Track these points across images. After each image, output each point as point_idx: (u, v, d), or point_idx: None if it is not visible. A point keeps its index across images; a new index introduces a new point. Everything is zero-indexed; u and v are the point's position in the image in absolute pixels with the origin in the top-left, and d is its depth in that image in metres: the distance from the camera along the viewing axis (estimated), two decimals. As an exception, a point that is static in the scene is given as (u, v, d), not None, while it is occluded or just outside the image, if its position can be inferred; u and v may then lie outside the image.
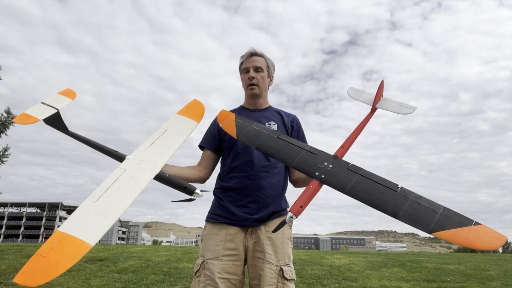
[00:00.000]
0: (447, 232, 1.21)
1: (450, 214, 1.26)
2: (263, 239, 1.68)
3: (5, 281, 5.31)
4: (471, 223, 1.22)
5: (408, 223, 1.26)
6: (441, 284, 5.89)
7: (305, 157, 1.56)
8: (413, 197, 1.33)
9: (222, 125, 1.80)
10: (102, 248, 10.59)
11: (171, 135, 1.71)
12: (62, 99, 1.92)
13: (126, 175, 1.41)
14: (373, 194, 1.35)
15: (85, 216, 1.21)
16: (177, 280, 5.71)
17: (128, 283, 5.43)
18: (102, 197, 1.29)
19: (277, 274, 1.61)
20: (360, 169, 1.47)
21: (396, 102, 2.05)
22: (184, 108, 1.92)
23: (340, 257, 9.63)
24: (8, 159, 10.73)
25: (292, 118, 1.95)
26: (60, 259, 1.05)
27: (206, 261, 1.64)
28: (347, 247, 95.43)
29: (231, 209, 1.72)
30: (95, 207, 1.24)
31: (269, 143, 1.64)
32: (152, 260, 7.83)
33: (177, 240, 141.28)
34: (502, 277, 6.68)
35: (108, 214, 1.21)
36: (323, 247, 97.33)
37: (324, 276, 6.40)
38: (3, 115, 10.40)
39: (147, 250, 10.07)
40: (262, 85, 1.90)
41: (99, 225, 1.18)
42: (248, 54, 1.89)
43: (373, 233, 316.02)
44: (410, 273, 7.04)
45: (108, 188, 1.33)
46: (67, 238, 1.11)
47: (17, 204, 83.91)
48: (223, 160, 1.91)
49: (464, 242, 1.18)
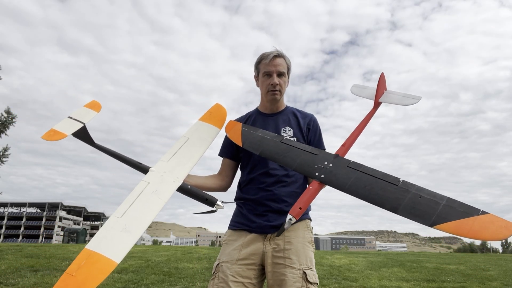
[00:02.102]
0: (449, 224, 1.13)
1: (454, 205, 1.18)
2: (283, 244, 1.68)
3: (5, 281, 5.31)
4: (477, 213, 1.13)
5: (408, 217, 1.19)
6: (441, 284, 5.88)
7: (305, 158, 1.54)
8: (415, 190, 1.27)
9: (229, 135, 1.81)
10: (102, 248, 10.59)
11: (193, 144, 1.74)
12: (88, 112, 1.99)
13: (150, 189, 1.44)
14: (372, 190, 1.31)
15: (111, 233, 1.24)
16: (177, 280, 5.71)
17: (128, 283, 5.43)
18: (126, 212, 1.32)
19: (300, 278, 1.59)
20: (360, 165, 1.43)
21: (399, 93, 1.98)
22: (206, 114, 1.92)
23: (340, 257, 9.63)
24: (8, 159, 10.73)
25: (309, 119, 1.92)
26: (88, 277, 1.09)
27: (221, 264, 1.66)
28: (347, 247, 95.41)
29: (250, 217, 1.75)
30: (120, 223, 1.27)
31: (271, 148, 1.63)
32: (152, 260, 7.83)
33: (177, 240, 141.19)
34: (502, 277, 6.68)
35: (132, 230, 1.25)
36: (323, 247, 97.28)
37: (324, 276, 6.40)
38: (3, 115, 10.40)
39: (147, 250, 10.08)
40: (284, 90, 1.88)
41: (124, 242, 1.21)
42: (271, 57, 1.80)
43: (373, 233, 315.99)
44: (410, 273, 7.04)
45: (133, 202, 1.36)
46: (94, 256, 1.15)
47: (17, 204, 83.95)
48: (242, 170, 1.91)
49: (468, 234, 1.10)
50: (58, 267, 6.65)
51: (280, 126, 1.86)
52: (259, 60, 1.86)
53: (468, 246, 69.08)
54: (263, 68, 1.83)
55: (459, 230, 1.12)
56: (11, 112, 10.54)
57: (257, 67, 1.88)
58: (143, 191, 1.42)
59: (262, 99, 1.93)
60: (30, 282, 5.30)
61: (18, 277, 5.65)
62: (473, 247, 65.41)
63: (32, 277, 5.67)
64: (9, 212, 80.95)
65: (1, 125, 10.22)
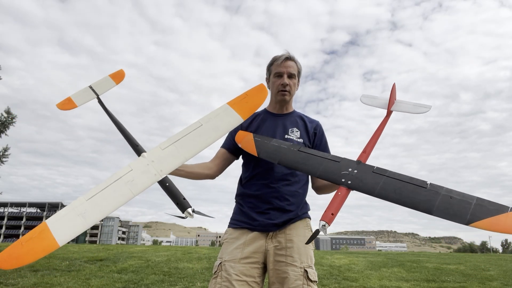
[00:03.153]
0: (484, 221, 1.19)
1: (484, 204, 1.25)
2: (284, 242, 1.69)
3: (5, 281, 5.31)
4: (507, 210, 1.21)
5: (444, 217, 1.25)
6: (441, 284, 5.88)
7: (328, 165, 1.57)
8: (444, 192, 1.33)
9: (242, 145, 1.80)
10: (102, 248, 10.60)
11: (202, 133, 1.52)
12: (107, 83, 1.96)
13: (128, 177, 1.35)
14: (403, 194, 1.35)
15: (70, 214, 1.21)
16: (177, 280, 5.71)
17: (128, 283, 5.43)
18: (95, 196, 1.26)
19: (301, 276, 1.61)
20: (386, 171, 1.48)
21: (410, 103, 2.09)
22: (240, 96, 1.65)
23: (340, 257, 9.63)
24: (8, 159, 10.72)
25: (316, 125, 1.95)
26: (31, 251, 1.09)
27: (223, 263, 1.66)
28: (347, 247, 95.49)
29: (252, 215, 1.75)
30: (82, 207, 1.23)
31: (290, 157, 1.65)
32: (152, 260, 7.83)
33: (177, 240, 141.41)
34: (502, 277, 6.68)
35: (88, 217, 1.20)
36: (323, 247, 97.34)
37: (324, 276, 6.40)
38: (3, 115, 10.40)
39: (147, 250, 10.08)
40: (293, 92, 1.91)
41: (75, 227, 1.17)
42: (283, 59, 1.86)
43: (373, 233, 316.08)
44: (410, 273, 7.04)
45: (105, 188, 1.30)
46: (46, 232, 1.14)
47: (17, 204, 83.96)
48: (245, 166, 1.91)
49: (503, 229, 1.16)
50: (58, 267, 6.65)
51: (288, 127, 1.89)
52: (271, 62, 1.92)
53: (468, 246, 69.08)
54: (275, 69, 1.88)
55: (494, 226, 1.18)
56: (11, 112, 10.53)
57: (269, 69, 1.93)
58: (121, 178, 1.33)
59: (271, 100, 1.96)
60: (30, 282, 5.31)
61: (18, 277, 5.65)
62: (473, 247, 65.42)
63: (32, 277, 5.68)
64: (9, 212, 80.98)
65: (1, 125, 10.22)
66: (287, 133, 1.86)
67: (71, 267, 6.80)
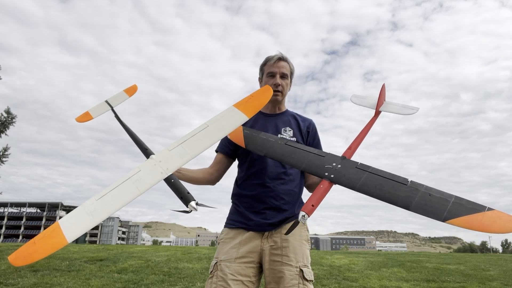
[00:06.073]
0: (460, 219, 1.22)
1: (462, 202, 1.28)
2: (280, 242, 1.70)
3: (5, 281, 5.32)
4: (484, 209, 1.23)
5: (420, 213, 1.28)
6: (441, 284, 5.89)
7: (313, 159, 1.60)
8: (424, 189, 1.36)
9: (230, 136, 1.83)
10: (102, 248, 10.60)
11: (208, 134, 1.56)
12: (121, 96, 2.21)
13: (136, 177, 1.41)
14: (383, 189, 1.39)
15: (81, 213, 1.25)
16: (177, 280, 5.71)
17: (128, 283, 5.43)
18: (105, 196, 1.32)
19: (297, 275, 1.62)
20: (368, 167, 1.51)
21: (398, 104, 2.11)
22: (246, 98, 1.69)
23: (340, 257, 9.63)
24: (8, 159, 10.74)
25: (309, 123, 1.97)
26: (41, 248, 1.13)
27: (219, 263, 1.67)
28: (347, 247, 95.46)
29: (248, 215, 1.75)
30: (93, 206, 1.27)
31: (276, 150, 1.68)
32: (152, 260, 7.83)
33: (177, 240, 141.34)
34: (502, 277, 6.68)
35: (96, 215, 1.24)
36: (323, 247, 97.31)
37: (324, 276, 6.40)
38: (3, 115, 10.41)
39: (147, 250, 10.08)
40: (285, 92, 1.93)
41: (84, 224, 1.21)
42: (276, 59, 1.88)
43: (373, 233, 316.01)
44: (410, 273, 7.04)
45: (115, 187, 1.35)
46: (57, 230, 1.18)
47: (17, 204, 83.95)
48: (240, 167, 1.92)
49: (479, 228, 1.18)
50: (58, 267, 6.65)
51: (280, 126, 1.90)
52: (264, 62, 1.94)
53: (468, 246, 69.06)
54: (267, 69, 1.90)
55: (470, 224, 1.20)
56: (11, 112, 10.55)
57: (262, 69, 1.96)
58: (130, 178, 1.39)
59: None
60: (30, 282, 5.31)
61: (18, 277, 5.65)
62: (473, 247, 65.42)
63: (32, 277, 5.68)
64: (9, 212, 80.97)
65: (1, 125, 10.22)
66: (280, 132, 1.87)
67: (71, 267, 6.80)
